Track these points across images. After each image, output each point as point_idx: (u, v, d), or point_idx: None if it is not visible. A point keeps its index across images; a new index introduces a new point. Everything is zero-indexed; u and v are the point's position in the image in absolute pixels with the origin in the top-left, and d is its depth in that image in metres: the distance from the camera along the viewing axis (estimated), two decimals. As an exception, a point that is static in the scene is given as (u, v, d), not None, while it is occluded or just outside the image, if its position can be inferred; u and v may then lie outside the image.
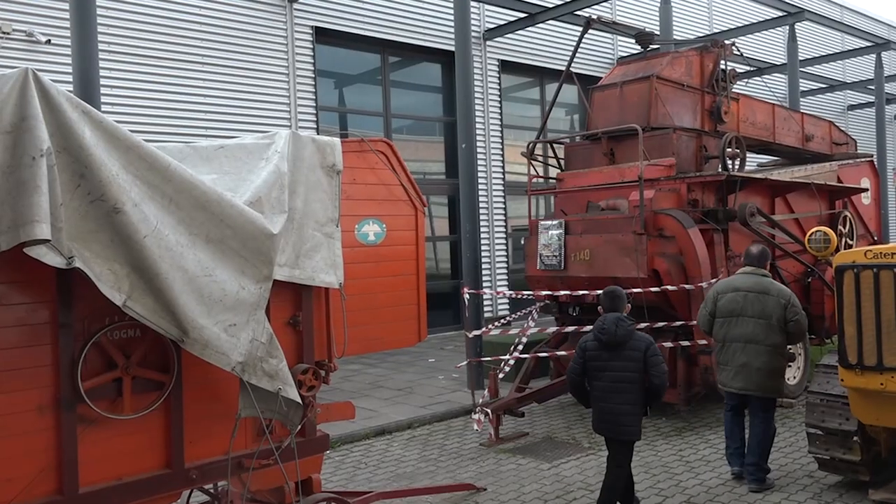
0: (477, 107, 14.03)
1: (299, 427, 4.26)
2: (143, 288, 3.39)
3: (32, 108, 3.02)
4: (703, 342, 7.71)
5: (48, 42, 10.52)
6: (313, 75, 13.40)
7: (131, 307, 3.36)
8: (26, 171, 2.98)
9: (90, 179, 3.18)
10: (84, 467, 3.59)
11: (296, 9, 13.20)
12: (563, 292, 8.26)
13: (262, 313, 3.84)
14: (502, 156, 16.31)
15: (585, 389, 5.21)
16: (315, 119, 13.38)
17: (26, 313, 3.45)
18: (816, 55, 21.16)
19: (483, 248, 14.29)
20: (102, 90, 8.19)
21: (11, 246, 3.00)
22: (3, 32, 10.27)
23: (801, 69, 19.03)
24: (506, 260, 16.35)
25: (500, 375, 8.29)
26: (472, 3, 12.14)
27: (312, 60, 13.41)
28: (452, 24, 10.88)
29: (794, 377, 8.72)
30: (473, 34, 12.82)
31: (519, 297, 9.06)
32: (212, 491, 4.95)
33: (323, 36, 13.62)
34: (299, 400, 4.05)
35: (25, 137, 2.99)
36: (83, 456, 3.58)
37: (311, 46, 13.41)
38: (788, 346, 8.66)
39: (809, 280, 9.40)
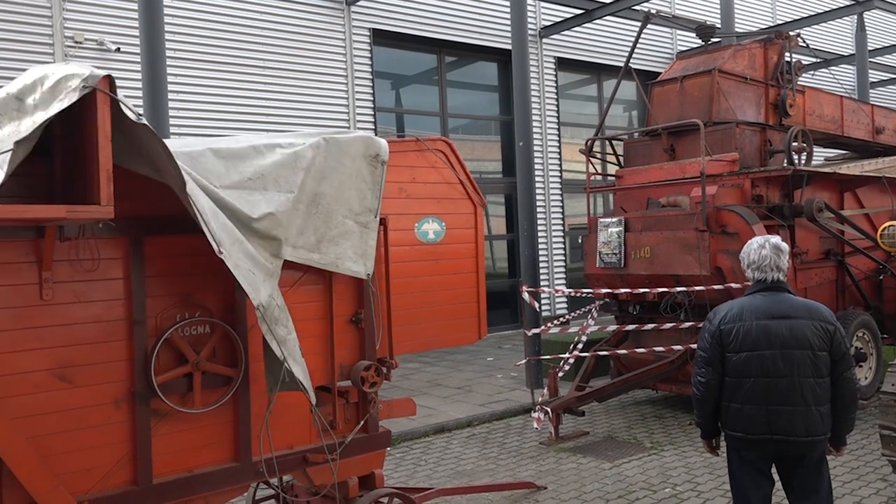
0: (533, 105, 13.94)
1: (361, 424, 4.32)
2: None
3: None
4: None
5: (118, 50, 10.91)
6: (371, 77, 13.55)
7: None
8: None
9: None
10: (157, 459, 3.72)
11: (354, 11, 13.37)
12: (622, 290, 8.17)
13: (275, 282, 3.76)
14: (559, 154, 16.19)
15: None
16: (373, 120, 13.52)
17: (103, 310, 3.60)
18: (887, 44, 20.37)
19: (541, 246, 14.22)
20: (170, 94, 8.44)
21: None
22: (76, 42, 10.69)
23: (871, 59, 18.34)
24: (564, 258, 16.24)
25: (560, 374, 8.25)
26: (529, 1, 12.09)
27: (370, 62, 13.56)
28: (508, 22, 10.86)
29: (866, 378, 8.44)
30: (530, 32, 12.76)
31: (578, 295, 8.99)
32: (277, 484, 5.07)
33: (380, 37, 13.76)
34: (305, 381, 3.82)
35: None
36: (156, 448, 3.72)
37: (369, 48, 13.56)
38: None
39: (881, 277, 9.09)
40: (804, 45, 9.83)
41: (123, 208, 3.43)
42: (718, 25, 14.18)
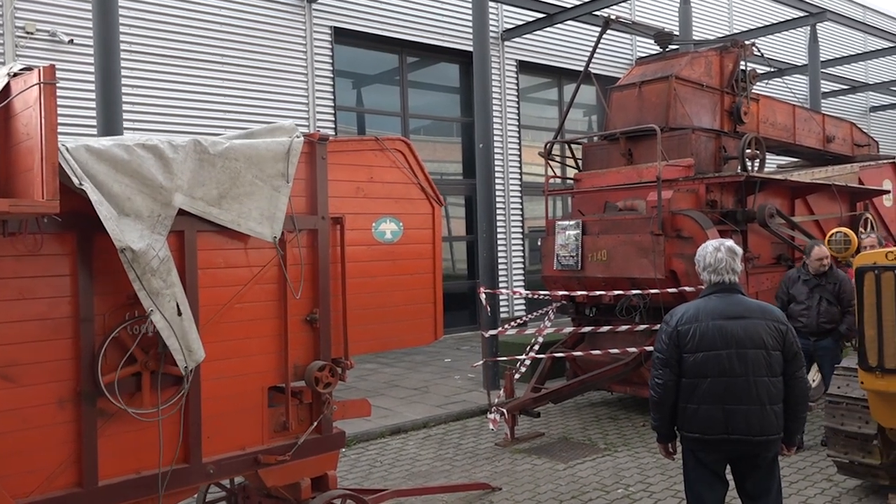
0: (494, 107, 14.02)
1: (315, 425, 4.26)
2: None
3: None
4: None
5: (71, 42, 10.64)
6: (332, 75, 13.45)
7: None
8: None
9: None
10: (103, 460, 3.63)
11: (314, 9, 13.26)
12: (579, 292, 8.24)
13: (160, 238, 3.67)
14: (519, 156, 16.28)
15: None
16: (333, 119, 13.42)
17: (48, 307, 3.50)
18: (838, 56, 20.94)
19: (500, 248, 14.26)
20: (124, 89, 8.26)
21: None
22: (27, 32, 10.40)
23: (823, 70, 18.83)
24: (522, 260, 16.33)
25: (516, 376, 8.29)
26: (491, 4, 12.13)
27: (331, 60, 13.46)
28: (470, 24, 10.90)
29: (814, 381, 8.64)
30: (491, 34, 12.82)
31: (535, 297, 9.04)
32: (228, 486, 4.99)
33: (341, 36, 13.67)
34: (173, 342, 3.69)
35: None
36: (103, 449, 3.63)
37: (330, 46, 13.46)
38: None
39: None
40: (759, 54, 10.04)
41: (71, 203, 3.36)
42: (676, 33, 14.40)
